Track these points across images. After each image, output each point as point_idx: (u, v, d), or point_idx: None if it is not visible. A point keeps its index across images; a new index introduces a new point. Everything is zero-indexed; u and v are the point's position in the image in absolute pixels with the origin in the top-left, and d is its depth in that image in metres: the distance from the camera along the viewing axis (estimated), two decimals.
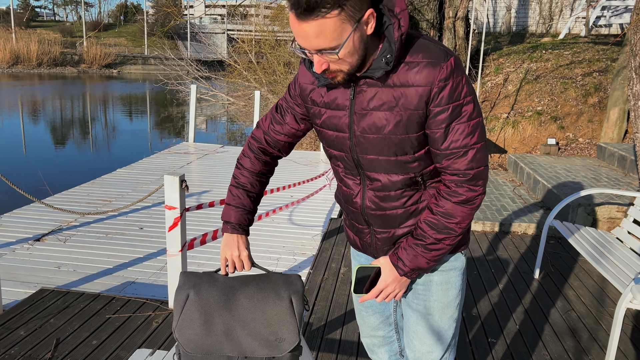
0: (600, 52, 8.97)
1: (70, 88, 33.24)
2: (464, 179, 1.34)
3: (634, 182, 5.49)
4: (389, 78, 1.29)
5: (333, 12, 1.13)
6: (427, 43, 1.29)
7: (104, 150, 13.64)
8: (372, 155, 1.38)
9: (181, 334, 1.49)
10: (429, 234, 1.39)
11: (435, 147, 1.33)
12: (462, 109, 1.28)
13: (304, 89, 1.46)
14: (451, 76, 1.25)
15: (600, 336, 3.02)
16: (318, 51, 1.20)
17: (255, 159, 1.60)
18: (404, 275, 1.43)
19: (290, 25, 1.20)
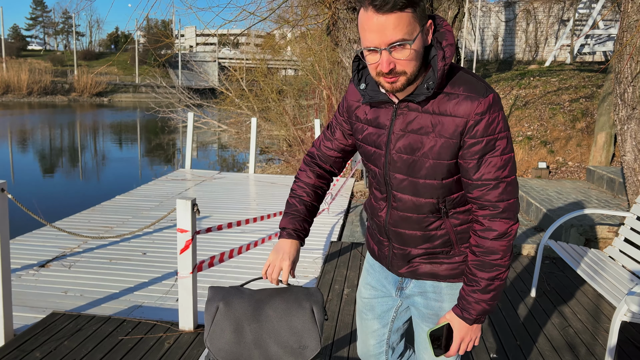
0: (586, 79, 9.28)
1: (60, 117, 33.32)
2: (495, 212, 1.40)
3: (623, 203, 5.67)
4: (428, 105, 1.38)
5: (408, 9, 1.25)
6: (469, 77, 1.38)
7: (94, 178, 13.69)
8: (402, 175, 1.47)
9: (212, 343, 1.59)
10: (480, 277, 1.43)
11: (467, 177, 1.40)
12: (496, 143, 1.36)
13: (350, 105, 1.58)
14: (488, 111, 1.34)
15: (597, 351, 3.14)
16: (391, 46, 1.27)
17: (310, 172, 1.71)
18: (473, 323, 1.47)
19: (364, 22, 1.28)
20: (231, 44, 31.40)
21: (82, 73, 51.91)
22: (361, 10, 1.28)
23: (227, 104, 18.52)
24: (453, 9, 8.94)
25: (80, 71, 53.09)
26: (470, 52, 15.88)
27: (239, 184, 8.51)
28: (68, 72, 55.12)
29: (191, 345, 3.04)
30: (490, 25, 17.32)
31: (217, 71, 49.81)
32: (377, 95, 1.45)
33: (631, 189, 4.25)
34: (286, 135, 14.76)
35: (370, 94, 1.46)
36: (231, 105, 18.29)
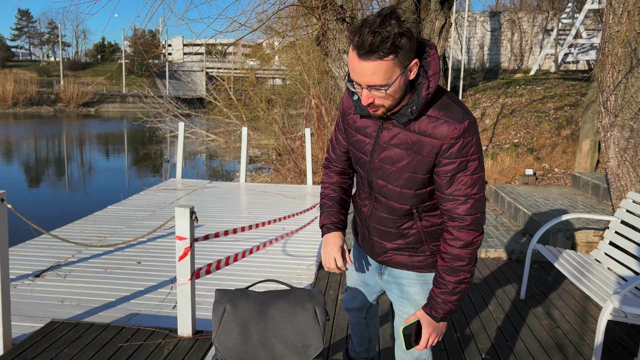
0: (570, 88, 9.49)
1: (47, 127, 33.08)
2: (463, 224, 1.56)
3: (607, 208, 5.82)
4: (411, 124, 1.54)
5: (389, 57, 1.37)
6: (450, 103, 1.53)
7: (80, 190, 13.61)
8: (383, 182, 1.66)
9: (220, 343, 1.66)
10: (447, 280, 1.61)
11: (440, 192, 1.57)
12: (468, 164, 1.52)
13: (344, 111, 1.75)
14: (462, 136, 1.49)
15: (585, 350, 3.24)
16: (369, 87, 1.42)
17: (331, 172, 1.90)
18: (440, 321, 1.67)
19: (350, 61, 1.43)
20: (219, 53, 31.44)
21: (69, 83, 51.64)
22: (351, 47, 1.41)
23: (216, 113, 18.55)
24: (440, 19, 9.11)
25: (66, 81, 52.80)
26: (457, 62, 16.12)
27: (230, 193, 8.56)
28: (54, 82, 54.80)
29: (190, 350, 3.09)
30: (476, 35, 17.61)
31: (205, 81, 49.84)
32: (366, 111, 1.60)
33: (615, 194, 4.38)
34: (276, 144, 14.83)
35: (361, 106, 1.61)
36: (219, 114, 18.33)
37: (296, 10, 10.00)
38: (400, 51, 1.37)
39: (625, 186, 4.23)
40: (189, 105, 21.93)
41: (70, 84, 51.15)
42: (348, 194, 1.90)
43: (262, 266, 4.89)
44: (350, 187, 1.92)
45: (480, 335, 3.42)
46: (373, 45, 1.34)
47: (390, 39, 1.33)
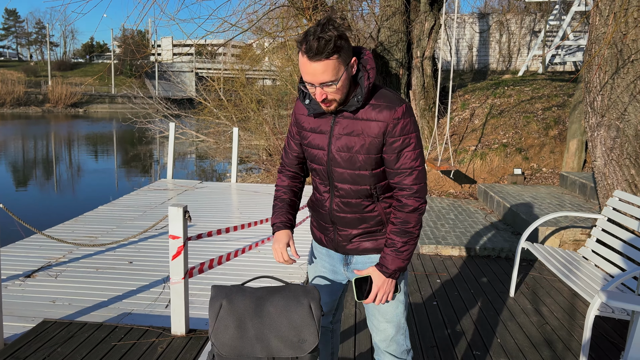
0: (558, 88, 9.60)
1: (34, 128, 32.78)
2: (410, 192, 1.82)
3: (594, 206, 5.91)
4: (359, 113, 1.79)
5: (334, 56, 1.63)
6: (387, 92, 1.81)
7: (69, 191, 13.51)
8: (341, 169, 1.85)
9: (217, 338, 1.69)
10: (396, 240, 1.84)
11: (390, 167, 1.82)
12: (410, 140, 1.78)
13: (298, 118, 1.96)
14: (402, 117, 1.76)
15: (573, 346, 3.30)
16: (322, 84, 1.66)
17: (284, 176, 2.09)
18: (390, 276, 1.86)
19: (301, 66, 1.67)
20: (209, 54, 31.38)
21: (57, 84, 51.23)
22: (300, 54, 1.65)
23: (206, 114, 18.51)
24: (430, 21, 9.19)
25: (54, 82, 52.38)
26: (446, 63, 16.23)
27: (221, 193, 8.56)
28: (42, 82, 54.33)
29: (184, 349, 3.11)
30: (465, 36, 17.74)
31: (194, 81, 49.65)
32: (319, 108, 1.83)
33: (602, 193, 4.46)
34: (266, 145, 14.84)
35: (313, 107, 1.84)
36: (209, 115, 18.29)
37: (287, 11, 10.02)
38: (341, 50, 1.63)
39: (612, 185, 4.30)
40: (178, 105, 21.86)
41: (58, 85, 50.76)
42: (298, 196, 2.11)
43: (254, 265, 4.91)
44: (300, 190, 2.12)
45: (470, 332, 3.47)
46: (319, 48, 1.59)
47: (332, 41, 1.59)
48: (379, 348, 2.05)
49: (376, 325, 2.01)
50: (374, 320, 2.01)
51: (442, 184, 8.22)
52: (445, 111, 9.61)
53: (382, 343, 2.01)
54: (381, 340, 2.01)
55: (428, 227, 5.97)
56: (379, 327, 2.01)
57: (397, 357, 2.02)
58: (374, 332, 2.04)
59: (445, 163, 7.68)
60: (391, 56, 9.57)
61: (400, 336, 2.01)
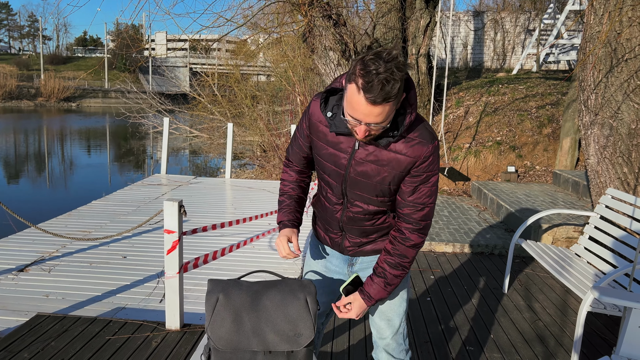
0: (552, 87, 9.65)
1: (27, 122, 32.53)
2: (416, 227, 1.76)
3: (587, 204, 5.95)
4: (389, 144, 1.68)
5: (392, 99, 1.48)
6: (422, 126, 1.70)
7: (61, 186, 13.43)
8: (359, 192, 1.79)
9: (213, 332, 1.69)
10: (388, 272, 1.80)
11: (402, 198, 1.75)
12: (431, 177, 1.72)
13: (313, 124, 1.80)
14: (432, 155, 1.69)
15: (565, 342, 3.33)
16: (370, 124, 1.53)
17: (291, 171, 2.01)
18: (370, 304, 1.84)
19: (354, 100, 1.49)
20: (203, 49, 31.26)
21: (49, 77, 50.86)
22: (354, 88, 1.47)
23: (200, 109, 18.44)
24: (425, 18, 9.20)
25: (47, 75, 52.00)
26: (440, 60, 16.26)
27: (215, 188, 8.55)
28: (34, 76, 53.93)
29: (178, 343, 3.11)
30: (460, 34, 17.77)
31: (188, 76, 49.45)
32: (343, 129, 1.69)
33: (595, 191, 4.49)
34: (261, 141, 14.81)
35: (337, 124, 1.70)
36: (203, 110, 18.22)
37: (282, 6, 10.00)
38: (400, 93, 1.50)
39: (605, 183, 4.34)
40: (172, 101, 21.75)
41: (51, 78, 50.37)
42: (305, 192, 2.04)
43: (249, 261, 4.91)
44: (307, 185, 2.04)
45: (464, 328, 3.49)
46: (385, 95, 1.44)
47: (397, 86, 1.44)
48: (378, 346, 2.05)
49: (377, 323, 2.01)
50: (376, 318, 2.01)
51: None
52: (439, 108, 9.63)
53: (382, 341, 2.01)
54: (381, 338, 2.01)
55: None
56: (380, 325, 2.00)
57: (394, 357, 2.01)
58: (373, 328, 2.03)
59: (440, 160, 7.71)
60: None
61: (399, 335, 2.01)
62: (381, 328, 2.00)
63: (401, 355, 2.02)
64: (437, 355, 3.11)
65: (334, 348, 3.15)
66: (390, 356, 2.01)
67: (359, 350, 3.13)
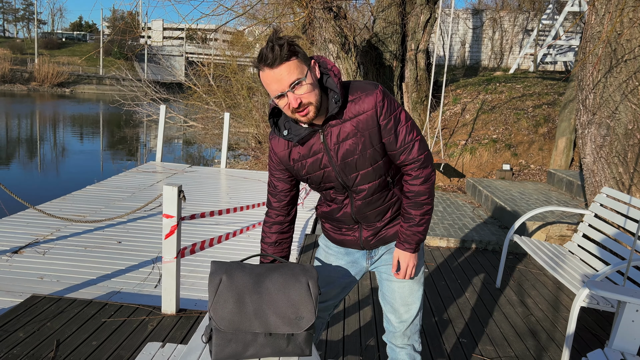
0: (549, 87, 9.70)
1: (19, 106, 32.25)
2: (417, 164, 1.82)
3: (581, 204, 6.01)
4: (344, 115, 1.75)
5: (293, 58, 1.61)
6: (357, 83, 1.80)
7: (52, 171, 13.35)
8: (354, 173, 1.82)
9: (215, 312, 1.70)
10: (414, 214, 1.86)
11: (392, 149, 1.81)
12: (399, 116, 1.78)
13: (282, 156, 1.87)
14: (384, 97, 1.75)
15: (556, 336, 3.37)
16: (292, 86, 1.62)
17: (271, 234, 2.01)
18: (414, 251, 1.90)
19: (266, 80, 1.63)
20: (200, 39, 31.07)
21: (43, 62, 50.40)
22: (260, 72, 1.64)
23: (195, 99, 18.36)
24: (425, 14, 9.20)
25: (41, 60, 51.53)
26: (438, 57, 16.28)
27: (210, 177, 8.54)
28: (28, 60, 53.42)
29: (174, 327, 3.12)
30: (458, 32, 17.79)
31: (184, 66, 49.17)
32: (302, 132, 1.77)
33: (590, 189, 4.54)
34: (256, 132, 14.78)
35: (294, 133, 1.79)
36: (199, 100, 18.15)
37: None
38: (298, 53, 1.63)
39: (600, 182, 4.38)
40: (167, 89, 21.63)
41: (45, 63, 49.91)
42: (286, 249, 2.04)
43: (244, 249, 4.92)
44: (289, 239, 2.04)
45: (457, 320, 3.52)
46: (276, 54, 1.59)
47: (285, 45, 1.59)
48: (394, 331, 2.05)
49: (397, 308, 2.01)
50: (395, 304, 2.02)
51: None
52: (437, 105, 9.66)
53: (401, 325, 2.02)
54: (400, 322, 2.03)
55: None
56: (399, 310, 2.01)
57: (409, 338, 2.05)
58: (392, 315, 2.04)
59: (436, 156, 7.74)
60: (385, 47, 9.57)
61: (417, 319, 2.04)
62: (401, 314, 2.02)
63: (415, 336, 2.06)
64: (431, 346, 3.14)
65: (329, 336, 3.17)
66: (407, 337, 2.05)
67: (353, 339, 3.15)
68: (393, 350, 2.09)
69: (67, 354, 2.73)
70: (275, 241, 2.01)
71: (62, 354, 2.74)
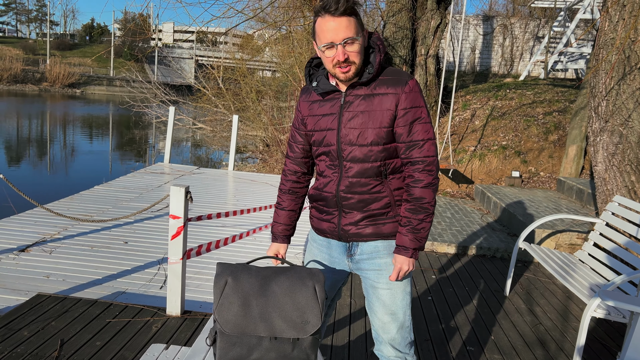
0: (559, 94, 9.63)
1: (30, 106, 32.51)
2: (422, 165, 1.80)
3: (591, 212, 5.94)
4: (369, 89, 1.81)
5: (353, 16, 1.70)
6: (396, 69, 1.86)
7: (62, 171, 13.41)
8: (352, 146, 1.83)
9: (220, 315, 1.68)
10: (412, 218, 1.83)
11: (401, 140, 1.81)
12: (421, 112, 1.80)
13: (303, 106, 1.96)
14: (412, 89, 1.79)
15: (566, 347, 3.32)
16: (345, 41, 1.69)
17: (286, 181, 2.08)
18: (411, 256, 1.84)
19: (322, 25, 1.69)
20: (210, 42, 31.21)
21: (55, 63, 50.84)
22: (318, 19, 1.69)
23: (204, 101, 18.42)
24: (436, 19, 9.17)
25: (52, 61, 51.98)
26: (449, 63, 16.23)
27: (218, 179, 8.54)
28: (40, 61, 53.91)
29: (179, 329, 3.10)
30: (469, 38, 17.74)
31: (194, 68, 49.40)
32: (328, 86, 1.85)
33: (601, 198, 4.48)
34: (264, 135, 14.80)
35: (322, 86, 1.86)
36: (208, 103, 18.20)
37: (293, 1, 9.97)
38: (358, 14, 1.71)
39: (612, 190, 4.32)
40: (177, 92, 21.71)
41: (56, 64, 50.37)
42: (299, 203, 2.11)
43: (251, 252, 4.90)
44: (305, 194, 2.11)
45: (464, 328, 3.48)
46: (342, 3, 1.65)
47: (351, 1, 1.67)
48: (382, 341, 1.98)
49: (381, 318, 1.95)
50: (379, 313, 1.95)
51: (439, 183, 8.23)
52: (446, 110, 9.61)
53: (388, 335, 1.95)
54: (386, 332, 1.95)
55: None
56: (384, 320, 1.94)
57: (400, 351, 1.96)
58: (378, 324, 1.97)
59: (444, 162, 7.70)
60: (395, 52, 9.55)
61: (405, 329, 1.96)
62: (385, 323, 1.94)
63: (406, 349, 1.97)
64: (438, 353, 3.10)
65: (334, 342, 3.14)
66: (396, 350, 1.96)
67: (359, 345, 3.12)
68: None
69: (71, 354, 2.72)
70: (289, 189, 2.06)
71: (66, 353, 2.72)
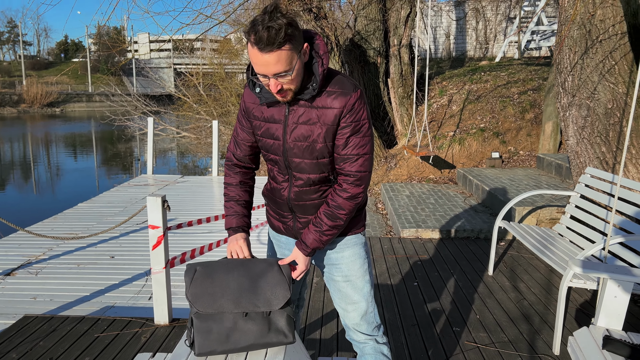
0: (533, 73, 9.74)
1: (9, 130, 32.19)
2: (353, 179, 1.79)
3: (570, 186, 6.03)
4: (314, 101, 1.74)
5: (286, 46, 1.56)
6: (342, 78, 1.77)
7: (48, 191, 13.33)
8: (299, 159, 1.81)
9: (193, 295, 1.75)
10: (324, 222, 1.83)
11: (337, 152, 1.79)
12: (361, 127, 1.76)
13: (248, 107, 1.88)
14: (356, 102, 1.73)
15: (549, 319, 3.39)
16: (276, 75, 1.60)
17: (234, 174, 2.02)
18: (307, 255, 1.87)
19: (252, 57, 1.59)
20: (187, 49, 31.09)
21: (31, 83, 50.33)
22: (249, 45, 1.57)
23: (185, 109, 18.38)
24: (405, 9, 9.23)
25: (29, 81, 51.44)
26: (423, 51, 16.32)
27: (202, 186, 8.54)
28: (16, 82, 53.34)
29: (167, 337, 3.12)
30: (442, 24, 17.84)
31: (173, 77, 49.14)
32: (272, 97, 1.77)
33: (575, 171, 4.56)
34: None
35: (265, 95, 1.78)
36: (189, 110, 18.16)
37: (263, 1, 9.98)
38: (293, 39, 1.57)
39: (584, 162, 4.40)
40: (157, 102, 21.62)
41: (33, 84, 49.85)
42: (251, 194, 2.05)
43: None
44: (252, 187, 2.05)
45: (450, 310, 3.54)
46: (270, 38, 1.52)
47: (282, 30, 1.52)
48: (349, 328, 2.04)
49: (344, 307, 2.01)
50: (342, 303, 2.01)
51: (422, 170, 8.30)
52: (423, 98, 9.68)
53: (352, 322, 2.01)
54: (351, 320, 2.01)
55: (408, 211, 6.04)
56: (347, 309, 2.00)
57: (368, 335, 2.02)
58: (342, 313, 2.03)
59: (424, 149, 7.76)
60: (369, 45, 9.60)
61: (369, 315, 2.01)
62: (349, 312, 2.00)
63: (375, 332, 2.03)
64: (425, 337, 3.16)
65: (322, 335, 3.18)
66: (364, 334, 2.02)
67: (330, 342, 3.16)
68: (357, 346, 2.07)
69: None
70: (239, 182, 2.01)
71: None
